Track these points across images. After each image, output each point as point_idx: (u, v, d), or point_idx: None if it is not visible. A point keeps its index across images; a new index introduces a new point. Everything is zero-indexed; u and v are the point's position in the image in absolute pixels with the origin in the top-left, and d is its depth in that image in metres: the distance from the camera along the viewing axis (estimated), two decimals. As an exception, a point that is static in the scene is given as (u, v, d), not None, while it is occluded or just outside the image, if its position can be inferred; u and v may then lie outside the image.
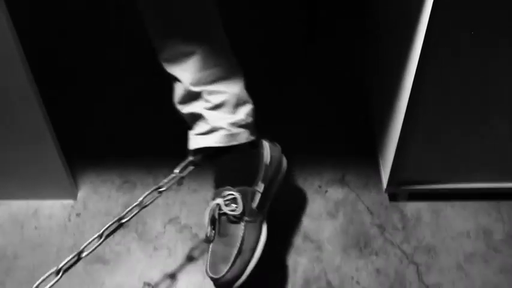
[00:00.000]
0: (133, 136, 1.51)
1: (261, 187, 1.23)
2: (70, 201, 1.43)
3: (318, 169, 1.49)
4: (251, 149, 1.24)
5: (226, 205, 1.18)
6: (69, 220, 1.40)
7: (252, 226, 1.20)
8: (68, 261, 1.11)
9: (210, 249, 1.19)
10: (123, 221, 1.20)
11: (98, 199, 1.44)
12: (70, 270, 1.30)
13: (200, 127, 1.20)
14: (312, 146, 1.54)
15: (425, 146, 1.29)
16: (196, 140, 1.21)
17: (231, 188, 1.19)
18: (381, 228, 1.39)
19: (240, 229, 1.19)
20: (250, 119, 1.22)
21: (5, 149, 1.30)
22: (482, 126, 1.25)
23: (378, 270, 1.32)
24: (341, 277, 1.31)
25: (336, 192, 1.46)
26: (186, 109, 1.20)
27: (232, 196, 1.18)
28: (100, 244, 1.15)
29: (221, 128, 1.19)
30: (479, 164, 1.34)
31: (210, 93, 1.17)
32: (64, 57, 1.71)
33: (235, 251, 1.16)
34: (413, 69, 1.13)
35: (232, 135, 1.20)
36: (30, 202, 1.43)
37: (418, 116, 1.21)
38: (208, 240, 1.19)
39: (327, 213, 1.42)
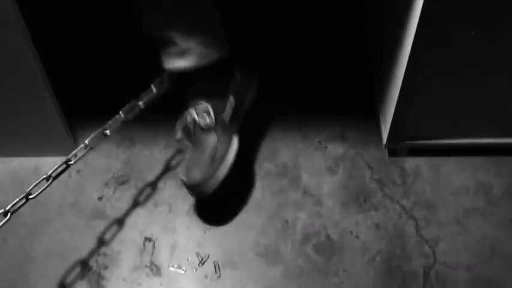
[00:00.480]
0: (133, 93, 1.50)
1: (232, 101, 1.31)
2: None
3: (318, 125, 1.49)
4: (222, 65, 1.29)
5: (198, 115, 1.25)
6: (70, 177, 1.40)
7: (223, 136, 1.29)
8: (16, 203, 1.17)
9: (186, 157, 1.28)
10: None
11: (98, 156, 1.44)
12: (72, 226, 1.32)
13: (171, 49, 1.23)
14: (312, 102, 1.53)
15: (425, 101, 1.29)
16: (169, 62, 1.25)
17: (204, 100, 1.27)
18: (380, 183, 1.40)
19: (212, 138, 1.27)
20: (219, 36, 1.27)
21: (3, 106, 1.30)
22: (483, 82, 1.25)
23: (377, 225, 1.33)
24: (340, 232, 1.32)
25: (336, 148, 1.46)
26: (157, 33, 1.23)
27: (205, 107, 1.27)
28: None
29: (193, 49, 1.23)
30: (478, 119, 1.34)
31: (182, 16, 1.21)
32: (64, 15, 1.69)
33: (206, 157, 1.25)
34: (414, 24, 1.11)
35: (204, 55, 1.24)
36: (30, 159, 1.43)
37: (418, 71, 1.20)
38: (181, 149, 1.29)
39: (327, 168, 1.43)
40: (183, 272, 1.27)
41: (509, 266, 1.27)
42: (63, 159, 1.42)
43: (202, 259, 1.29)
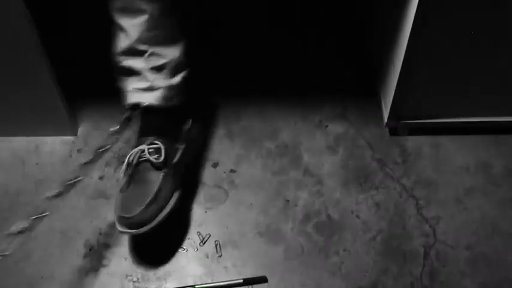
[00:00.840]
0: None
1: (182, 148, 1.29)
2: (71, 137, 1.43)
3: (319, 104, 1.49)
4: (178, 112, 1.29)
5: (149, 153, 1.23)
6: (70, 156, 1.40)
7: (169, 178, 1.24)
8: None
9: (121, 197, 1.22)
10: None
11: (99, 135, 1.43)
12: (73, 205, 1.32)
13: (139, 83, 1.24)
14: (313, 82, 1.53)
15: (425, 80, 1.29)
16: (135, 95, 1.25)
17: (157, 138, 1.24)
18: (381, 162, 1.40)
19: (158, 177, 1.23)
20: (184, 85, 1.27)
21: (4, 86, 1.29)
22: (484, 60, 1.24)
23: (377, 205, 1.34)
24: (341, 211, 1.33)
25: (337, 127, 1.46)
26: (126, 62, 1.23)
27: (157, 146, 1.23)
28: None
29: (160, 88, 1.24)
30: (479, 98, 1.34)
31: (153, 54, 1.21)
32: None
33: (151, 195, 1.20)
34: (415, 1, 1.11)
35: (169, 97, 1.25)
36: (31, 139, 1.43)
37: (419, 49, 1.20)
38: (121, 189, 1.23)
39: (328, 148, 1.42)
40: (184, 251, 1.27)
41: (509, 245, 1.28)
42: (64, 139, 1.43)
43: (203, 239, 1.29)
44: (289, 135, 1.44)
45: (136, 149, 1.23)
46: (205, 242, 1.29)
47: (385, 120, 1.41)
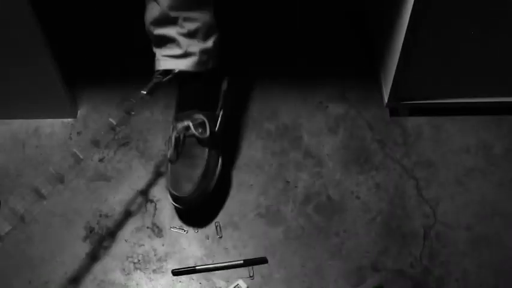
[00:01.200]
0: (133, 55, 1.49)
1: (222, 115, 1.31)
2: (70, 120, 1.43)
3: (319, 85, 1.48)
4: (214, 76, 1.31)
5: (194, 127, 1.25)
6: (70, 138, 1.40)
7: (214, 150, 1.28)
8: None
9: (170, 170, 1.26)
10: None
11: (98, 117, 1.43)
12: (73, 188, 1.33)
13: (172, 50, 1.25)
14: (313, 62, 1.52)
15: (426, 60, 1.28)
16: (167, 62, 1.26)
17: (199, 111, 1.27)
18: (381, 143, 1.39)
19: (205, 152, 1.26)
20: (217, 47, 1.28)
21: (3, 68, 1.29)
22: (485, 40, 1.24)
23: (377, 185, 1.34)
24: (341, 192, 1.33)
25: (337, 108, 1.45)
26: (158, 31, 1.24)
27: (201, 120, 1.26)
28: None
29: (193, 54, 1.24)
30: (480, 78, 1.33)
31: (186, 19, 1.21)
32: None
33: (200, 172, 1.25)
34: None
35: (202, 62, 1.26)
36: (31, 121, 1.42)
37: (420, 29, 1.19)
38: (171, 160, 1.26)
39: (328, 129, 1.42)
40: (184, 232, 1.28)
41: (509, 225, 1.28)
42: (64, 121, 1.42)
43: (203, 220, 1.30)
44: (289, 116, 1.44)
45: (182, 125, 1.26)
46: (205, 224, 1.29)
47: (386, 101, 1.40)
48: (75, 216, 1.30)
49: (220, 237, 1.27)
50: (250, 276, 1.22)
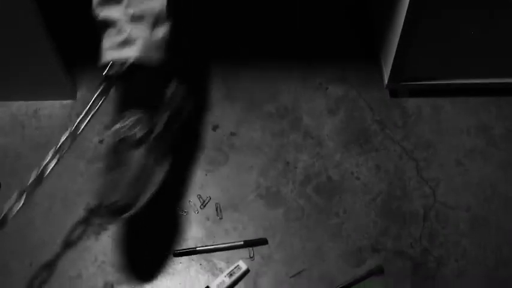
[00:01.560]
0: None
1: (165, 116, 1.18)
2: (69, 101, 1.43)
3: (319, 66, 1.48)
4: (159, 75, 1.18)
5: (130, 128, 1.12)
6: (70, 120, 1.40)
7: (151, 152, 1.14)
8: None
9: (102, 182, 1.12)
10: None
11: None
12: (73, 169, 1.32)
13: (116, 37, 1.13)
14: (313, 44, 1.52)
15: (426, 41, 1.28)
16: (111, 53, 1.14)
17: (137, 111, 1.13)
18: (381, 124, 1.39)
19: (140, 154, 1.12)
20: (166, 40, 1.16)
21: (2, 50, 1.28)
22: (485, 21, 1.23)
23: (377, 166, 1.34)
24: (341, 173, 1.33)
25: (337, 89, 1.45)
26: (103, 13, 1.14)
27: (136, 119, 1.12)
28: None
29: (138, 39, 1.13)
30: (480, 59, 1.33)
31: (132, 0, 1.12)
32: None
33: (132, 176, 1.11)
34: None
35: (148, 51, 1.14)
36: (30, 103, 1.42)
37: (420, 11, 1.19)
38: (107, 168, 1.12)
39: (328, 110, 1.42)
40: (185, 214, 1.28)
41: (508, 207, 1.28)
42: (63, 102, 1.42)
43: (203, 201, 1.29)
44: (289, 97, 1.44)
45: (116, 127, 1.13)
46: (205, 205, 1.29)
47: (386, 82, 1.40)
48: (75, 198, 1.30)
49: (221, 218, 1.28)
50: (251, 257, 1.23)
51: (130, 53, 1.13)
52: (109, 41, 1.15)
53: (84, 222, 1.26)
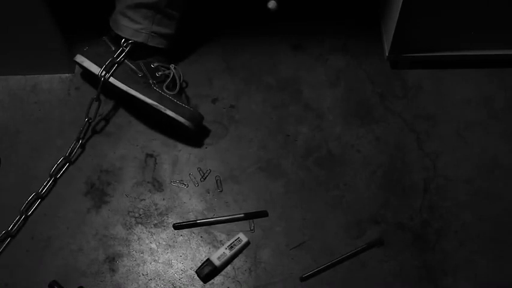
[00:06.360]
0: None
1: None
2: (68, 75, 1.42)
3: (319, 37, 1.47)
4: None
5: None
6: (69, 94, 1.39)
7: None
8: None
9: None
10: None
11: (97, 72, 1.42)
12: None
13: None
14: (313, 14, 1.50)
15: (428, 12, 1.27)
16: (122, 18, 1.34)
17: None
18: (382, 96, 1.39)
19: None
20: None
21: (1, 25, 1.27)
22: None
23: (378, 139, 1.33)
24: (341, 145, 1.33)
25: (337, 61, 1.44)
26: None
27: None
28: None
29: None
30: (482, 30, 1.32)
31: None
32: None
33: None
34: None
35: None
36: (28, 77, 1.41)
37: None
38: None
39: (328, 81, 1.41)
40: (185, 187, 1.28)
41: (508, 179, 1.28)
42: (62, 76, 1.41)
43: (203, 174, 1.30)
44: (289, 69, 1.43)
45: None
46: (205, 178, 1.29)
47: (387, 53, 1.39)
48: (76, 172, 1.30)
49: (221, 191, 1.28)
50: (251, 230, 1.23)
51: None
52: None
53: (85, 196, 1.27)
